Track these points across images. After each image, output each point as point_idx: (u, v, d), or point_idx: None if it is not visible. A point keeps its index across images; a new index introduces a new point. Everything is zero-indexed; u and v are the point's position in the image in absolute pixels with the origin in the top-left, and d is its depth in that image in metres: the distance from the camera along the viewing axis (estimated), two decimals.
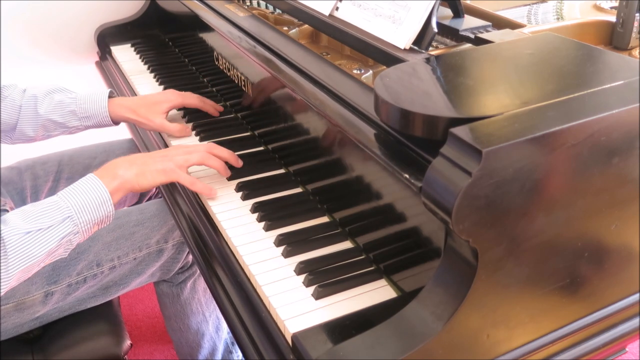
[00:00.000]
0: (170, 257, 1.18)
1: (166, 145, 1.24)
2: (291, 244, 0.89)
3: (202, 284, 1.30)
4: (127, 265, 1.13)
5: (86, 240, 1.09)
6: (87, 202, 0.89)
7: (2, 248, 0.81)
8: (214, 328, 1.36)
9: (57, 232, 0.86)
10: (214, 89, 1.44)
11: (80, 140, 1.43)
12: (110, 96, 1.24)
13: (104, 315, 1.14)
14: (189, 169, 1.02)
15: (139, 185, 0.97)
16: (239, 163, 1.07)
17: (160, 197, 1.22)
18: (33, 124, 1.22)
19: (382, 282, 0.83)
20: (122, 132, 1.47)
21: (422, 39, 0.87)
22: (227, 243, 0.93)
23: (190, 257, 1.23)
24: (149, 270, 1.17)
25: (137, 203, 1.46)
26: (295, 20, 1.18)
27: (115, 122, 1.26)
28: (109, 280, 1.13)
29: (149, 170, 0.98)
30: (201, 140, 1.22)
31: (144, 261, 1.15)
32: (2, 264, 0.82)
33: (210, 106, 1.28)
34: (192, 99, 1.25)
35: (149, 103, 1.23)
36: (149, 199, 1.48)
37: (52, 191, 1.32)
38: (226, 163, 1.06)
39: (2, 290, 0.83)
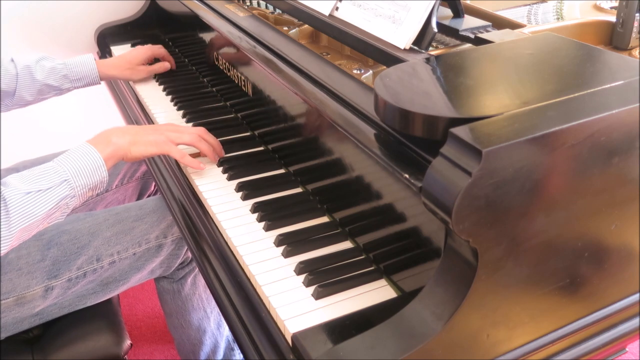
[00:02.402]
0: (170, 252, 1.19)
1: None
2: (291, 244, 0.89)
3: (202, 280, 1.30)
4: (127, 261, 1.14)
5: (86, 235, 1.11)
6: (82, 167, 0.94)
7: (4, 207, 0.86)
8: (215, 324, 1.36)
9: (56, 194, 0.91)
10: (214, 89, 1.44)
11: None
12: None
13: (104, 315, 1.14)
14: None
15: (131, 154, 1.02)
16: (222, 153, 1.13)
17: (159, 194, 1.22)
18: (31, 89, 1.35)
19: (382, 282, 0.83)
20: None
21: (422, 39, 0.87)
22: (227, 243, 0.93)
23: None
24: (148, 266, 1.17)
25: (137, 200, 1.46)
26: (295, 20, 1.18)
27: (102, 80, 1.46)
28: (108, 275, 1.13)
29: (142, 140, 1.03)
30: None
31: (143, 256, 1.15)
32: (4, 222, 0.86)
33: (170, 58, 1.55)
34: (158, 49, 1.54)
35: (128, 59, 1.48)
36: (148, 196, 1.49)
37: None
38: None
39: (5, 249, 0.87)
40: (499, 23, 1.02)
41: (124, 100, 1.53)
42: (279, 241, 0.90)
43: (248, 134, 1.23)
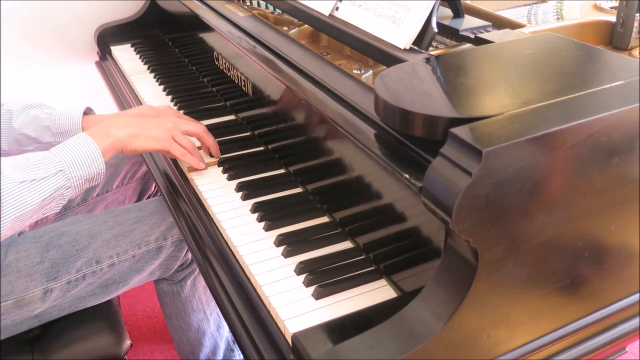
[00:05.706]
0: (170, 254, 1.18)
1: None
2: (291, 244, 0.89)
3: (202, 282, 1.30)
4: (126, 263, 1.14)
5: (85, 237, 1.10)
6: (78, 158, 0.93)
7: None
8: (215, 326, 1.36)
9: (50, 183, 0.90)
10: (214, 89, 1.44)
11: None
12: (87, 113, 1.19)
13: (104, 315, 1.14)
14: None
15: (131, 147, 1.00)
16: (218, 154, 1.13)
17: (159, 195, 1.22)
18: (7, 138, 1.19)
19: (382, 282, 0.83)
20: None
21: (422, 39, 0.87)
22: (227, 243, 0.93)
23: (190, 254, 1.23)
24: (148, 268, 1.17)
25: (136, 201, 1.46)
26: (295, 20, 1.18)
27: None
28: (108, 277, 1.13)
29: (143, 134, 1.01)
30: None
31: (143, 258, 1.15)
32: None
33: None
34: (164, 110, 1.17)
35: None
36: (149, 196, 1.49)
37: None
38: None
39: None
40: (499, 23, 1.02)
41: (123, 99, 1.53)
42: (279, 241, 0.90)
43: (248, 134, 1.23)
